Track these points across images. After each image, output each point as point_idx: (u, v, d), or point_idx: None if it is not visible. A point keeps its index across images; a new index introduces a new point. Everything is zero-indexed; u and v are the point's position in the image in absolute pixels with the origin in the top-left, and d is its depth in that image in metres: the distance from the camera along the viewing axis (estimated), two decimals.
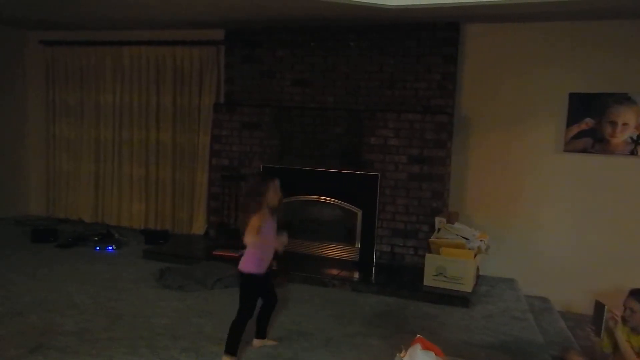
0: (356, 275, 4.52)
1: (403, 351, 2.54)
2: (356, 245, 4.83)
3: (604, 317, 2.79)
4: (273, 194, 2.98)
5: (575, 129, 4.41)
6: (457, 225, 4.35)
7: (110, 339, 3.16)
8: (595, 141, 4.36)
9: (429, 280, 4.16)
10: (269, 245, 2.99)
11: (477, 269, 4.47)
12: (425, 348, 2.50)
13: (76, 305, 3.67)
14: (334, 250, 4.92)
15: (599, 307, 2.83)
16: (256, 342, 3.18)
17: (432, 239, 4.24)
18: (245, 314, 2.97)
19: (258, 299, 3.05)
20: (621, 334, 2.76)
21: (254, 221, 2.89)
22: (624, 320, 2.88)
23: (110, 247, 5.13)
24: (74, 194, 6.26)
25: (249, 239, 2.89)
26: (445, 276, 4.11)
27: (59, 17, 5.35)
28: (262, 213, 2.93)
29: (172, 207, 5.81)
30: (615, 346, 2.80)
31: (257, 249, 2.95)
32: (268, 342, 3.23)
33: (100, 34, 5.93)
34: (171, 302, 3.81)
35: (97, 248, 5.12)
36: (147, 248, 5.08)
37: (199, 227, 5.64)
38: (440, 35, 4.66)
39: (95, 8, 4.74)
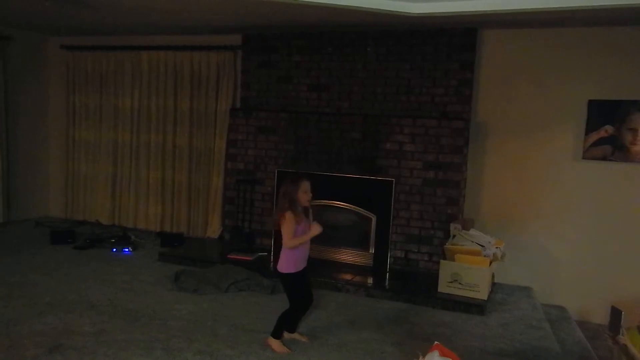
0: (370, 280, 4.51)
1: (420, 357, 2.53)
2: (370, 251, 4.82)
3: (621, 323, 2.77)
4: (303, 194, 3.05)
5: (594, 137, 4.36)
6: (472, 232, 4.32)
7: (126, 340, 3.19)
8: (614, 149, 4.30)
9: (443, 286, 4.14)
10: (304, 245, 3.10)
11: (493, 277, 4.43)
12: (443, 355, 2.49)
13: (94, 306, 3.72)
14: (348, 256, 4.91)
15: (616, 312, 2.79)
16: (286, 334, 3.27)
17: (447, 245, 4.22)
18: (295, 309, 3.17)
19: (302, 292, 3.17)
20: (637, 349, 2.73)
21: (289, 224, 2.98)
22: None
23: (127, 249, 5.19)
24: (91, 196, 6.36)
25: (289, 243, 3.02)
26: (460, 283, 4.08)
27: (79, 23, 5.45)
28: (295, 214, 2.99)
29: (188, 210, 5.86)
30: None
31: (294, 250, 3.06)
32: (296, 337, 3.29)
33: (119, 39, 6.02)
34: (186, 304, 3.85)
35: (114, 250, 5.19)
36: (162, 251, 5.13)
37: (213, 230, 5.68)
38: (458, 41, 4.64)
39: (115, 14, 4.82)
